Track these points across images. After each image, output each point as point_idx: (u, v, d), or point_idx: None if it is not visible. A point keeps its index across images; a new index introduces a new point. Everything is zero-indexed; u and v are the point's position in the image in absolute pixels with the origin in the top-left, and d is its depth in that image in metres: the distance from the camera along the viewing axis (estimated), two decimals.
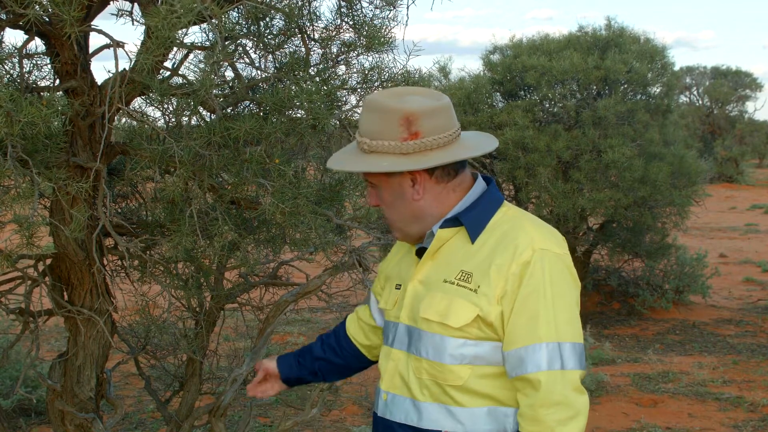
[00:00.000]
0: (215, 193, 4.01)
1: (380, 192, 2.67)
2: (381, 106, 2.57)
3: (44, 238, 3.92)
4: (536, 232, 2.56)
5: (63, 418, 4.45)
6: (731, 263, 15.78)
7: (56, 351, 8.50)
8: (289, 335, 10.31)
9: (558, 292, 2.50)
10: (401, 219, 2.67)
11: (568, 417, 2.43)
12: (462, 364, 2.54)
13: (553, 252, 2.53)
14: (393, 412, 2.69)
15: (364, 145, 2.59)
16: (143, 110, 3.98)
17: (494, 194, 2.68)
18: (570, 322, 2.51)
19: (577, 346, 2.50)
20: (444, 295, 2.58)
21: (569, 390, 2.45)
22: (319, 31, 4.02)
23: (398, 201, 2.65)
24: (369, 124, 2.60)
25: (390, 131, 2.55)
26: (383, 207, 2.69)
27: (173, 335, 4.96)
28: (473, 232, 2.60)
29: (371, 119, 2.59)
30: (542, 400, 2.43)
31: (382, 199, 2.68)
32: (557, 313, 2.48)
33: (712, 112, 35.97)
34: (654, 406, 7.77)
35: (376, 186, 2.67)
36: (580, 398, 2.47)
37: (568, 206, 10.17)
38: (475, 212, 2.62)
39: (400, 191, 2.63)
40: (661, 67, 11.18)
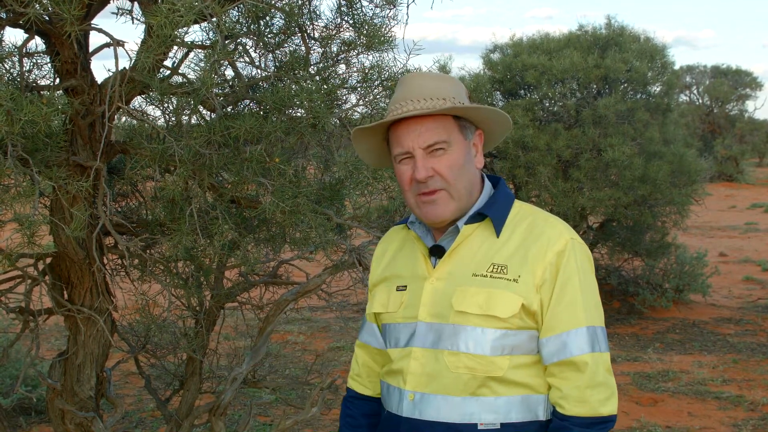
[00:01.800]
0: (215, 192, 4.01)
1: (448, 156, 2.61)
2: (448, 76, 2.70)
3: (44, 237, 3.92)
4: (559, 223, 2.65)
5: (63, 416, 4.45)
6: (731, 262, 15.78)
7: (56, 350, 8.51)
8: (289, 334, 10.32)
9: (586, 279, 2.62)
10: (465, 186, 2.66)
11: (606, 396, 2.54)
12: (503, 355, 2.56)
13: (579, 241, 2.63)
14: (423, 411, 2.64)
15: (447, 103, 2.60)
16: (143, 109, 3.98)
17: (507, 191, 2.75)
18: (597, 307, 2.67)
19: (604, 330, 2.68)
20: (479, 288, 2.58)
21: (606, 371, 2.58)
22: (319, 30, 4.02)
23: (469, 164, 2.68)
24: (446, 87, 2.64)
25: (462, 96, 2.65)
26: (448, 174, 2.61)
27: (173, 334, 4.97)
28: (498, 225, 2.64)
29: (446, 84, 2.65)
30: (588, 382, 2.53)
31: (449, 165, 2.61)
32: (588, 298, 2.61)
33: (712, 111, 35.98)
34: (654, 405, 7.77)
35: (442, 149, 2.61)
36: (613, 379, 2.60)
37: (568, 205, 10.18)
38: (497, 207, 2.67)
39: (470, 154, 2.68)
40: (661, 66, 11.18)
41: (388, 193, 4.52)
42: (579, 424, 2.51)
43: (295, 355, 9.47)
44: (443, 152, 2.61)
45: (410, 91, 2.62)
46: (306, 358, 9.19)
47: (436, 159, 2.61)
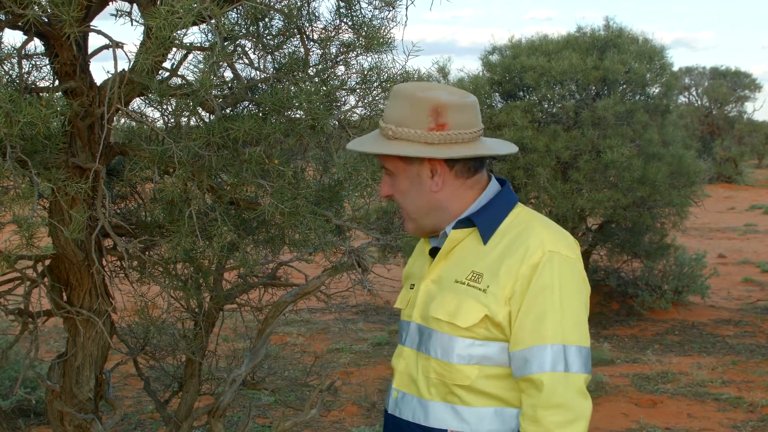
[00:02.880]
0: (214, 193, 4.01)
1: (396, 180, 2.66)
2: (411, 94, 2.58)
3: (43, 238, 3.92)
4: (547, 234, 2.56)
5: (62, 418, 4.45)
6: (730, 263, 15.78)
7: (55, 352, 8.51)
8: (288, 336, 10.32)
9: (566, 294, 2.50)
10: (416, 210, 2.67)
11: (567, 420, 2.44)
12: (470, 364, 2.54)
13: (563, 254, 2.52)
14: (402, 410, 2.70)
15: (388, 131, 2.59)
16: (142, 111, 3.98)
17: (508, 196, 2.69)
18: (577, 325, 2.51)
19: (583, 349, 2.50)
20: (454, 295, 2.58)
21: (572, 393, 2.45)
22: (318, 31, 4.02)
23: (415, 190, 2.64)
24: (396, 111, 2.59)
25: (417, 120, 2.56)
26: (397, 196, 2.68)
27: (172, 336, 4.96)
28: (485, 233, 2.60)
29: (399, 106, 2.59)
30: (543, 402, 2.43)
31: (397, 188, 2.66)
32: (564, 315, 2.48)
33: (711, 112, 35.99)
34: (653, 406, 7.78)
35: (392, 174, 2.66)
36: (583, 402, 2.48)
37: (567, 206, 10.17)
38: (488, 213, 2.63)
39: (418, 180, 2.63)
40: (660, 68, 11.18)
41: None
42: None
43: (294, 356, 9.47)
44: (392, 176, 2.67)
45: (388, 110, 2.64)
46: (305, 360, 9.19)
47: (391, 180, 2.69)
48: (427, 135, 2.55)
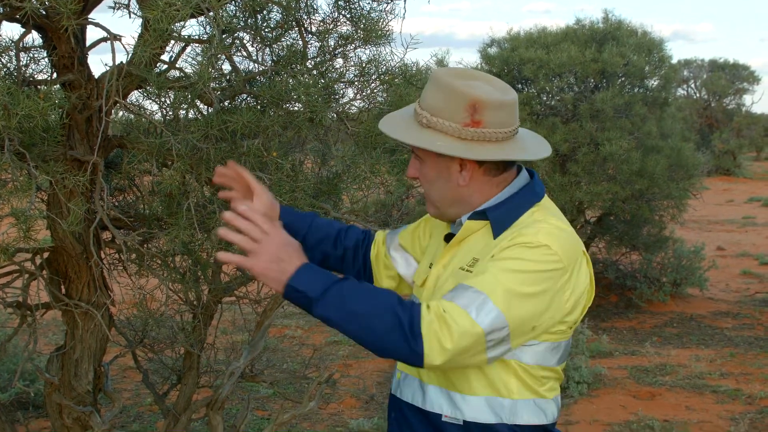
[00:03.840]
0: (213, 186, 4.01)
1: (424, 167, 2.64)
2: (450, 85, 2.54)
3: (41, 231, 3.92)
4: (546, 231, 2.49)
5: (61, 411, 4.46)
6: (729, 256, 15.79)
7: (54, 344, 8.50)
8: (287, 328, 10.32)
9: (529, 276, 2.40)
10: (440, 199, 2.66)
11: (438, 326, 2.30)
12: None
13: (549, 248, 2.44)
14: (403, 391, 2.71)
15: (422, 118, 2.57)
16: (140, 103, 3.98)
17: (531, 192, 2.65)
18: (516, 298, 2.37)
19: (500, 317, 2.34)
20: (454, 280, 2.56)
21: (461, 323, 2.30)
22: (317, 24, 4.02)
23: (441, 181, 2.63)
24: (433, 99, 2.57)
25: (453, 112, 2.53)
26: (423, 182, 2.67)
27: (171, 328, 4.97)
28: (496, 229, 2.56)
29: (437, 95, 2.56)
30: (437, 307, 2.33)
31: (424, 175, 2.65)
32: (511, 286, 2.37)
33: (709, 104, 35.97)
34: (651, 398, 7.78)
35: (420, 159, 2.65)
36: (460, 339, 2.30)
37: (566, 199, 10.18)
38: (504, 209, 2.59)
39: (446, 173, 2.61)
40: (659, 60, 11.18)
41: (385, 188, 4.52)
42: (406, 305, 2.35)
43: (293, 349, 9.48)
44: (420, 161, 2.66)
45: (425, 96, 2.61)
46: (304, 353, 9.19)
47: (419, 164, 2.67)
48: (461, 130, 2.53)
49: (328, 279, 2.36)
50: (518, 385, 2.55)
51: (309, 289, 2.33)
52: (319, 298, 2.32)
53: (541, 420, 2.60)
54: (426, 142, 2.55)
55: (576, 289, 2.52)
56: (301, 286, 2.33)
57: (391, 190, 4.56)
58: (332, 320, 2.34)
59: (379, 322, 2.31)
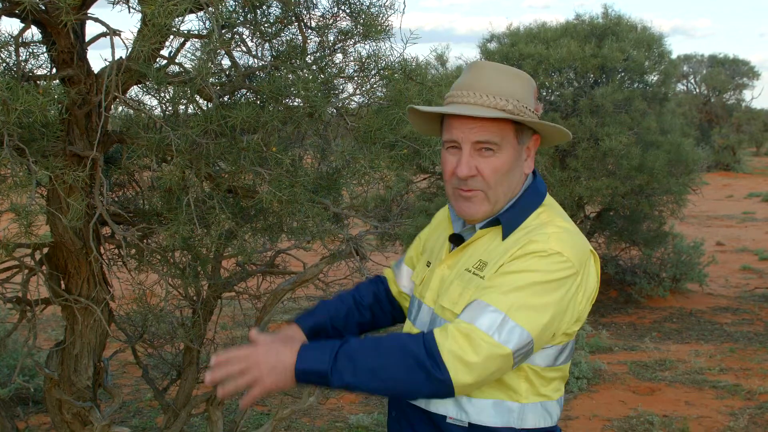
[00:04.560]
0: (212, 181, 4.01)
1: (496, 158, 2.54)
2: (520, 73, 2.58)
3: (41, 227, 3.91)
4: (555, 237, 2.48)
5: (60, 406, 4.46)
6: (728, 251, 15.79)
7: (53, 340, 8.50)
8: (287, 324, 10.31)
9: (542, 286, 2.41)
10: (506, 191, 2.60)
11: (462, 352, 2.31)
12: None
13: (561, 255, 2.44)
14: None
15: (509, 105, 2.51)
16: (140, 99, 3.97)
17: (536, 192, 2.65)
18: (533, 310, 2.38)
19: (524, 334, 2.36)
20: (460, 282, 2.56)
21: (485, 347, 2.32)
22: (316, 19, 4.01)
23: (516, 170, 2.60)
24: (513, 87, 2.54)
25: (529, 99, 2.56)
26: (490, 176, 2.55)
27: (170, 324, 4.96)
28: (506, 230, 2.56)
29: (515, 83, 2.55)
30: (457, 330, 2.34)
31: (494, 167, 2.54)
32: (526, 298, 2.39)
33: (709, 100, 35.97)
34: (651, 394, 7.79)
35: (491, 150, 2.54)
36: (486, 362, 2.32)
37: (566, 194, 10.18)
38: (514, 212, 2.59)
39: (520, 161, 2.61)
40: (659, 56, 11.17)
41: (385, 183, 4.52)
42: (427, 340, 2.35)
43: None
44: (492, 153, 2.55)
45: (477, 80, 2.56)
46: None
47: (482, 159, 2.55)
48: (534, 116, 2.57)
49: (331, 347, 2.36)
50: (527, 389, 2.55)
51: (317, 365, 2.33)
52: (332, 368, 2.32)
53: (547, 422, 2.61)
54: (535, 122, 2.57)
55: (587, 289, 2.54)
56: (309, 367, 2.34)
57: (390, 186, 4.55)
58: (352, 384, 2.34)
59: (398, 368, 2.32)
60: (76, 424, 4.47)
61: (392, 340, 2.37)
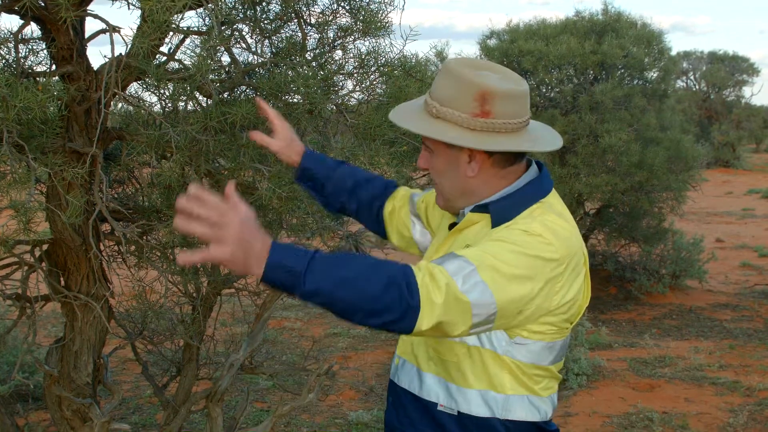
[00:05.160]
0: (212, 178, 4.01)
1: (435, 159, 2.63)
2: (459, 75, 2.52)
3: (41, 223, 3.92)
4: (540, 222, 2.47)
5: (60, 403, 4.46)
6: (728, 248, 15.79)
7: (53, 336, 8.51)
8: (286, 320, 10.32)
9: (516, 252, 2.36)
10: (449, 190, 2.64)
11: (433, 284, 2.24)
12: (459, 342, 2.52)
13: (544, 237, 2.42)
14: (401, 378, 2.72)
15: (432, 108, 2.55)
16: (139, 95, 3.97)
17: (537, 187, 2.62)
18: (504, 276, 2.32)
19: (487, 292, 2.29)
20: None
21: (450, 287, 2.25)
22: (316, 15, 4.01)
23: (451, 172, 2.61)
24: (443, 90, 2.55)
25: (462, 102, 2.51)
26: (433, 174, 2.67)
27: (170, 320, 4.96)
28: (496, 221, 2.54)
29: (446, 85, 2.55)
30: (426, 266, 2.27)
31: (434, 166, 2.65)
32: (500, 261, 2.33)
33: (708, 97, 35.94)
34: (651, 390, 7.79)
35: (431, 151, 2.64)
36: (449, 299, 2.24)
37: (565, 191, 10.18)
38: (506, 203, 2.56)
39: (455, 163, 2.59)
40: (658, 52, 11.17)
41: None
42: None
43: (292, 341, 9.48)
44: (431, 153, 2.64)
45: (436, 86, 2.60)
46: (303, 345, 9.19)
47: (429, 155, 2.66)
48: (471, 120, 2.50)
49: (305, 251, 2.20)
50: (511, 381, 2.54)
51: (292, 262, 2.14)
52: (306, 268, 2.14)
53: (535, 417, 2.60)
54: (435, 132, 2.53)
55: (571, 285, 2.49)
56: (283, 261, 2.14)
57: None
58: (323, 291, 2.16)
59: (374, 283, 2.18)
60: (75, 420, 4.47)
61: (371, 258, 2.28)
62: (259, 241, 2.13)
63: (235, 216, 2.12)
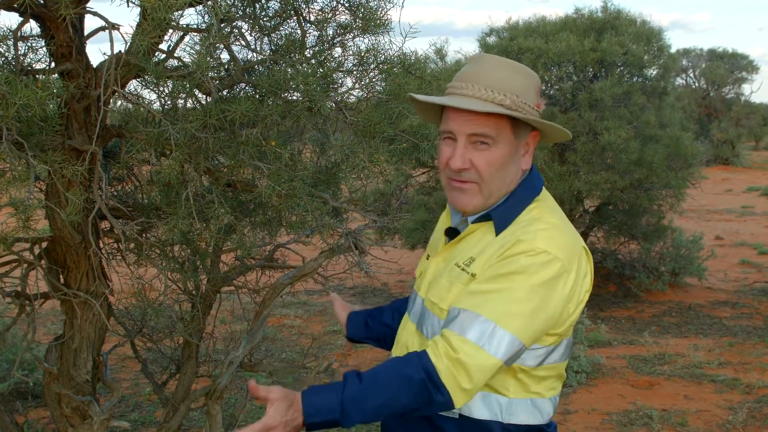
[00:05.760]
0: (211, 175, 4.01)
1: (492, 152, 2.53)
2: (522, 68, 2.56)
3: (40, 221, 3.91)
4: (544, 234, 2.47)
5: (60, 400, 4.46)
6: (727, 245, 15.80)
7: (53, 334, 8.51)
8: (286, 318, 10.32)
9: (532, 289, 2.40)
10: (500, 186, 2.58)
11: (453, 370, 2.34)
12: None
13: (551, 254, 2.43)
14: None
15: (506, 100, 2.50)
16: (139, 93, 3.97)
17: (530, 186, 2.64)
18: (522, 317, 2.39)
19: (515, 342, 2.38)
20: (448, 277, 2.57)
21: (473, 361, 2.34)
22: (315, 13, 4.01)
23: (512, 165, 2.58)
24: (514, 82, 2.53)
25: (530, 95, 2.55)
26: (484, 170, 2.54)
27: (170, 318, 4.97)
28: (499, 226, 2.55)
29: (516, 78, 2.54)
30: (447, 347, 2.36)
31: (489, 161, 2.53)
32: (516, 303, 2.39)
33: (708, 94, 35.96)
34: (650, 388, 7.79)
35: (487, 144, 2.53)
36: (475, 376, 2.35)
37: (565, 188, 10.18)
38: (505, 207, 2.58)
39: (517, 156, 2.59)
40: (658, 50, 11.16)
41: (384, 177, 4.51)
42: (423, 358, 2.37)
43: (292, 338, 9.48)
44: (486, 147, 2.54)
45: (478, 73, 2.55)
46: (302, 342, 9.19)
47: (477, 152, 2.54)
48: (535, 111, 2.55)
49: (335, 393, 2.37)
50: (515, 385, 2.55)
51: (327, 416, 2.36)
52: (341, 415, 2.35)
53: (537, 420, 2.60)
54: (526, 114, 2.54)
55: (580, 287, 2.53)
56: (320, 419, 2.36)
57: (389, 180, 4.55)
58: (364, 421, 2.39)
59: (402, 397, 2.35)
60: (75, 418, 4.47)
61: (389, 371, 2.39)
62: (296, 418, 2.36)
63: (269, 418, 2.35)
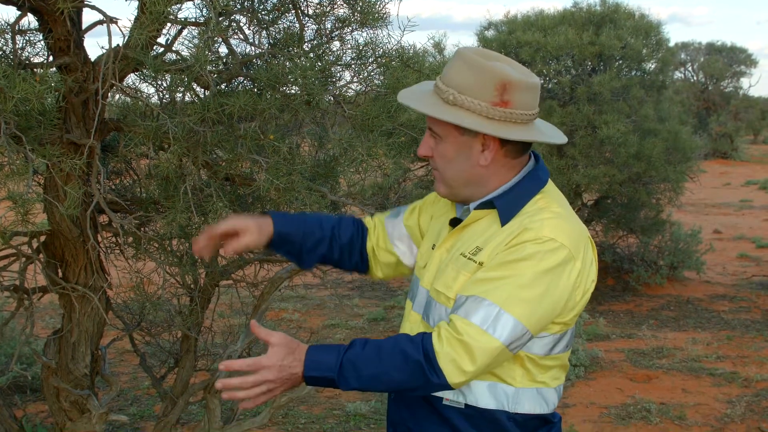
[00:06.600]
0: (209, 169, 4.01)
1: (442, 145, 2.58)
2: (480, 64, 2.51)
3: (38, 215, 3.91)
4: (551, 222, 2.48)
5: (58, 394, 4.46)
6: (725, 239, 15.80)
7: (51, 328, 8.50)
8: (284, 311, 10.32)
9: (538, 276, 2.41)
10: (455, 179, 2.60)
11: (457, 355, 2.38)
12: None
13: (556, 242, 2.45)
14: None
15: (448, 95, 2.52)
16: (137, 87, 3.97)
17: (535, 178, 2.63)
18: (528, 303, 2.41)
19: (518, 326, 2.39)
20: (455, 267, 2.56)
21: (478, 344, 2.37)
22: (314, 6, 4.00)
23: (461, 160, 2.58)
24: (461, 77, 2.52)
25: (482, 91, 2.50)
26: (438, 161, 2.61)
27: (168, 312, 4.97)
28: (504, 216, 2.55)
29: (465, 73, 2.52)
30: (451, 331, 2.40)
31: (440, 153, 2.59)
32: (522, 289, 2.40)
33: (706, 88, 35.92)
34: (648, 381, 7.80)
35: (438, 137, 2.59)
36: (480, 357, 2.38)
37: (563, 182, 10.17)
38: (510, 197, 2.57)
39: (467, 152, 2.57)
40: (656, 43, 11.16)
41: (382, 171, 4.51)
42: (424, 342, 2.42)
43: (290, 332, 9.48)
44: (439, 139, 2.59)
45: (452, 74, 2.56)
46: (301, 336, 9.19)
47: (434, 143, 2.61)
48: (490, 109, 2.50)
49: (336, 353, 2.45)
50: (522, 374, 2.55)
51: (324, 373, 2.44)
52: (338, 375, 2.43)
53: (543, 409, 2.60)
54: (455, 117, 2.50)
55: (587, 275, 2.54)
56: (318, 374, 2.45)
57: (388, 173, 4.55)
58: (358, 387, 2.46)
59: (399, 373, 2.41)
60: (73, 412, 4.47)
61: (393, 346, 2.43)
62: (296, 366, 2.45)
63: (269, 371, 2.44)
